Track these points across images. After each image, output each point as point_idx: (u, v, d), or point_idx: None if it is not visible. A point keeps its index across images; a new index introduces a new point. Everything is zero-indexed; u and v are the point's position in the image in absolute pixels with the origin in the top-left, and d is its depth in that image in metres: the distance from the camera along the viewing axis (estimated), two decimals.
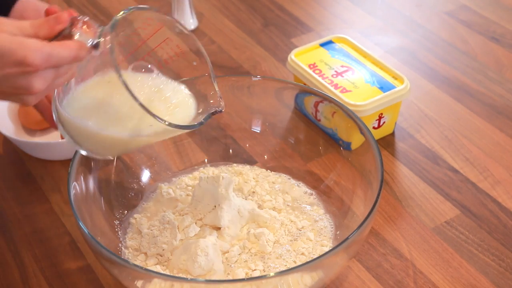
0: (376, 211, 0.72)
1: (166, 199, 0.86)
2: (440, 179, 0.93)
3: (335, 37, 1.06)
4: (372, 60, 1.01)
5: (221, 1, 1.33)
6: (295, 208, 0.85)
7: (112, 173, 0.86)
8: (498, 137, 1.00)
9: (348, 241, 0.68)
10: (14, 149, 0.99)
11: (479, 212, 0.88)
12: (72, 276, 0.82)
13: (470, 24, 1.24)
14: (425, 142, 0.99)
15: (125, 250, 0.80)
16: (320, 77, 0.98)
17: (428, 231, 0.86)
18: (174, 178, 0.90)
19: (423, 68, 1.14)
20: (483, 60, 1.15)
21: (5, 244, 0.86)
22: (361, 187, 0.82)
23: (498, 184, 0.92)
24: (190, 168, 0.92)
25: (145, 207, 0.86)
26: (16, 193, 0.93)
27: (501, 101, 1.06)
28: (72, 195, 0.73)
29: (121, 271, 0.71)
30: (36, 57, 0.58)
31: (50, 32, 0.62)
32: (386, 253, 0.84)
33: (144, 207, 0.86)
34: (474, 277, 0.80)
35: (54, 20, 0.62)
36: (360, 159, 0.83)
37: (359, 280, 0.80)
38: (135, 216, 0.84)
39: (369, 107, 0.93)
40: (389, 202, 0.90)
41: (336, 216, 0.84)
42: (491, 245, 0.84)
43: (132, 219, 0.84)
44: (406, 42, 1.20)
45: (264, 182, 0.88)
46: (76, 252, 0.85)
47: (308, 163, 0.91)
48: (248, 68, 1.15)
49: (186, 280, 0.70)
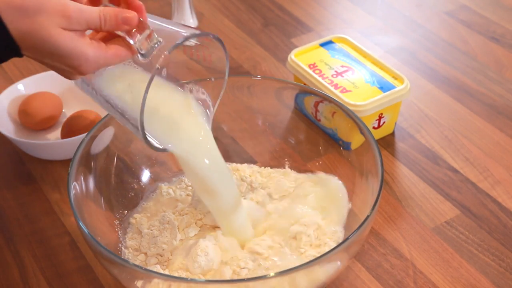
0: (376, 211, 0.72)
1: (166, 199, 0.86)
2: (440, 179, 0.93)
3: (335, 37, 1.06)
4: (372, 60, 1.01)
5: (221, 1, 1.33)
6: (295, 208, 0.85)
7: (112, 173, 0.86)
8: (498, 137, 1.00)
9: (348, 241, 0.68)
10: (14, 149, 0.99)
11: (479, 212, 0.88)
12: (72, 276, 0.82)
13: (470, 24, 1.24)
14: (425, 142, 0.99)
15: (125, 250, 0.80)
16: (320, 77, 0.98)
17: (428, 231, 0.86)
18: (174, 178, 0.90)
19: (423, 68, 1.14)
20: (483, 60, 1.15)
21: (5, 244, 0.86)
22: (361, 187, 0.82)
23: (498, 184, 0.92)
24: None
25: (145, 207, 0.86)
26: (16, 193, 0.93)
27: (501, 101, 1.06)
28: (72, 195, 0.73)
29: (121, 271, 0.71)
30: (89, 68, 0.63)
31: (115, 29, 0.64)
32: (386, 253, 0.84)
33: (144, 207, 0.86)
34: (474, 277, 0.81)
35: (123, 20, 0.63)
36: (360, 159, 0.83)
37: (359, 280, 0.80)
38: (135, 216, 0.84)
39: (369, 107, 0.93)
40: (389, 202, 0.90)
41: None
42: (491, 245, 0.84)
43: (132, 219, 0.84)
44: (406, 42, 1.20)
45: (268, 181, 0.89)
46: (76, 252, 0.85)
47: (308, 163, 0.91)
48: (248, 68, 1.15)
49: (186, 280, 0.70)
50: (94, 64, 0.63)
